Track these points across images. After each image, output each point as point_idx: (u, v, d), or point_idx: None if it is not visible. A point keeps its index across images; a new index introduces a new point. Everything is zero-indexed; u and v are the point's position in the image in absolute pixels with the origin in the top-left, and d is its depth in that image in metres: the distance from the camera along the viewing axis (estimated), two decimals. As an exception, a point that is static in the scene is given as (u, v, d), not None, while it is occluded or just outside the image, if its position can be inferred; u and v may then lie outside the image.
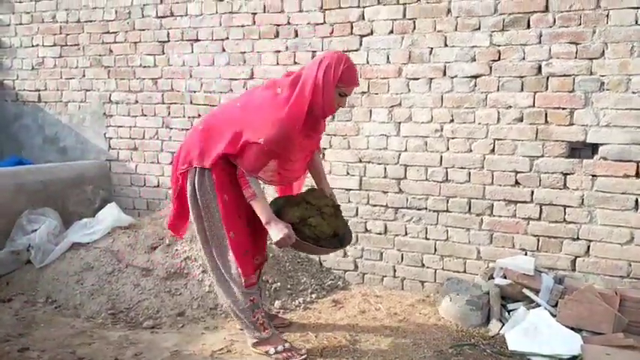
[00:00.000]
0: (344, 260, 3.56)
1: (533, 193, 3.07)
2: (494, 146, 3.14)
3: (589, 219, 2.96)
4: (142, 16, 4.05)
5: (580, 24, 2.89)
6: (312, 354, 2.51)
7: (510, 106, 3.08)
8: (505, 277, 2.90)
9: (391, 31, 3.31)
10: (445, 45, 3.19)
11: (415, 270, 3.39)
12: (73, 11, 4.28)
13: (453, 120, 3.21)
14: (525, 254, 3.10)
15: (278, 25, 3.62)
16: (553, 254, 3.06)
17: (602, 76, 2.87)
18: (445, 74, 3.20)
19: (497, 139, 3.12)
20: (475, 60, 3.13)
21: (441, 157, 3.26)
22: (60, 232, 3.62)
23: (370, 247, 3.49)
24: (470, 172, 3.20)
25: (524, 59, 3.02)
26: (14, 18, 4.50)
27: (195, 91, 3.94)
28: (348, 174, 3.51)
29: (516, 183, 3.11)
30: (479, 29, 3.10)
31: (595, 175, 2.93)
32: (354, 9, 3.38)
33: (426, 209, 3.32)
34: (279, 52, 3.63)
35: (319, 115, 2.44)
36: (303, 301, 3.20)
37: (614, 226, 2.91)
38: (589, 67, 2.90)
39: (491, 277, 2.97)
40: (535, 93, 3.02)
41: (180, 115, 4.02)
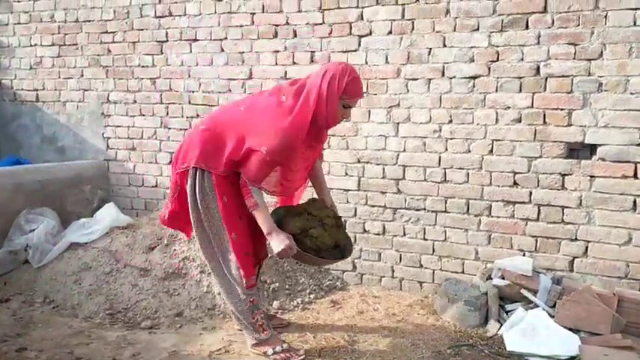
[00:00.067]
0: (342, 261, 3.55)
1: (531, 193, 3.07)
2: (492, 147, 3.14)
3: (587, 220, 2.97)
4: (141, 16, 4.04)
5: (578, 25, 2.90)
6: (311, 354, 2.51)
7: (509, 107, 3.08)
8: (503, 278, 2.90)
9: (390, 32, 3.31)
10: (444, 45, 3.19)
11: (413, 270, 3.39)
12: (71, 11, 4.28)
13: (451, 120, 3.21)
14: (523, 255, 3.10)
15: (277, 25, 3.61)
16: (551, 255, 3.06)
17: (601, 77, 2.88)
18: (444, 75, 3.21)
19: (496, 139, 3.13)
20: (474, 61, 3.13)
21: (440, 158, 3.26)
22: (58, 231, 3.62)
23: (368, 247, 3.49)
24: (468, 173, 3.20)
25: (522, 60, 3.03)
26: (12, 17, 4.49)
27: (194, 91, 3.94)
28: (346, 174, 3.50)
29: (515, 184, 3.11)
30: (477, 30, 3.10)
31: (593, 176, 2.94)
32: (352, 9, 3.38)
33: (425, 210, 3.33)
34: (277, 52, 3.63)
35: (322, 126, 2.43)
36: (301, 302, 3.20)
37: (612, 227, 2.92)
38: (587, 68, 2.90)
39: (490, 277, 2.98)
40: (533, 94, 3.02)
41: (179, 115, 4.01)
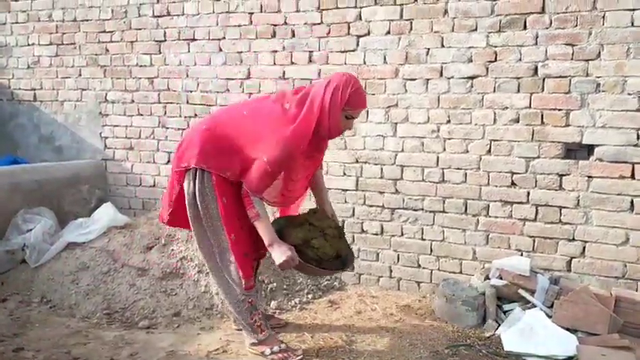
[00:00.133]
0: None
1: (529, 194, 3.08)
2: (490, 147, 3.14)
3: (585, 220, 2.97)
4: (139, 16, 4.04)
5: (576, 25, 2.90)
6: (308, 354, 2.51)
7: (507, 107, 3.08)
8: (501, 278, 2.90)
9: (388, 32, 3.31)
10: (442, 46, 3.19)
11: (411, 270, 3.39)
12: (69, 10, 4.27)
13: (449, 121, 3.22)
14: (521, 255, 3.10)
15: (275, 25, 3.61)
16: (549, 255, 3.06)
17: (598, 78, 2.88)
18: (442, 75, 3.21)
19: (494, 139, 3.13)
20: (472, 61, 3.13)
21: (438, 158, 3.27)
22: (55, 231, 3.61)
23: (366, 247, 3.49)
24: (466, 173, 3.21)
25: (520, 60, 3.03)
26: (10, 17, 4.48)
27: (192, 91, 3.93)
28: (344, 174, 3.50)
29: (512, 184, 3.11)
30: (475, 30, 3.11)
31: (591, 177, 2.94)
32: (351, 9, 3.38)
33: (423, 210, 3.33)
34: (276, 52, 3.62)
35: (324, 136, 2.43)
36: (299, 302, 3.19)
37: (609, 227, 2.92)
38: (585, 69, 2.90)
39: (487, 277, 2.98)
40: (531, 94, 3.03)
41: (177, 115, 4.01)
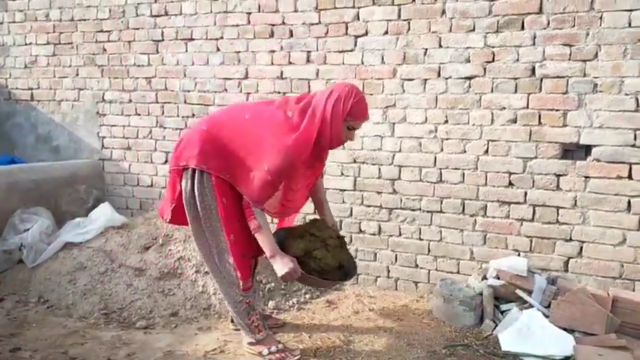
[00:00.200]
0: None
1: (526, 194, 3.08)
2: (488, 147, 3.14)
3: (582, 220, 2.98)
4: (136, 15, 4.03)
5: (574, 26, 2.91)
6: (306, 354, 2.51)
7: (504, 108, 3.09)
8: (498, 278, 2.90)
9: (386, 32, 3.31)
10: (440, 46, 3.19)
11: (409, 270, 3.40)
12: (66, 10, 4.26)
13: (447, 121, 3.22)
14: (518, 255, 3.11)
15: (273, 25, 3.61)
16: (546, 255, 3.07)
17: (596, 78, 2.88)
18: (439, 75, 3.21)
19: (491, 140, 3.13)
20: (469, 61, 3.13)
21: (435, 158, 3.27)
22: (52, 231, 3.60)
23: (364, 247, 3.49)
24: (464, 173, 3.21)
25: (518, 61, 3.03)
26: (7, 16, 4.47)
27: (190, 91, 3.93)
28: (342, 174, 3.50)
29: (510, 184, 3.11)
30: (473, 30, 3.11)
31: (588, 177, 2.94)
32: (349, 9, 3.38)
33: (420, 210, 3.33)
34: (273, 51, 3.62)
35: (325, 147, 2.42)
36: (296, 302, 3.19)
37: (606, 228, 2.93)
38: (582, 69, 2.91)
39: (485, 277, 2.98)
40: (529, 94, 3.03)
41: (174, 115, 4.00)
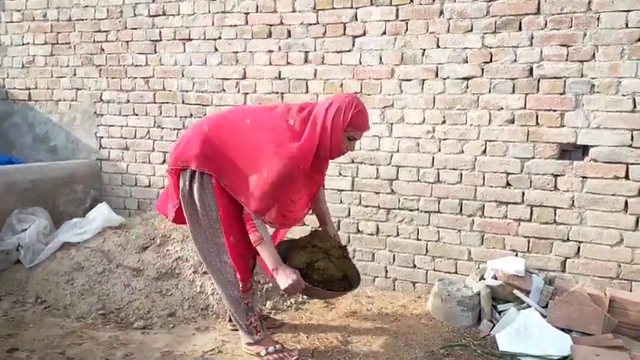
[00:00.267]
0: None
1: (524, 194, 3.09)
2: (485, 147, 3.15)
3: (579, 220, 2.98)
4: (134, 15, 4.03)
5: (571, 26, 2.91)
6: (304, 355, 2.51)
7: (502, 108, 3.09)
8: (496, 278, 2.91)
9: (384, 32, 3.31)
10: (437, 46, 3.20)
11: (407, 271, 3.40)
12: (64, 9, 4.25)
13: (444, 121, 3.22)
14: (516, 255, 3.11)
15: (271, 25, 3.61)
16: (543, 255, 3.07)
17: (593, 79, 2.89)
18: (437, 75, 3.21)
19: (489, 140, 3.14)
20: (467, 62, 3.14)
21: (433, 158, 3.27)
22: (50, 231, 3.59)
23: (362, 247, 3.49)
24: (461, 173, 3.21)
25: (515, 61, 3.04)
26: (5, 16, 4.46)
27: (187, 91, 3.93)
28: (340, 175, 3.51)
29: (507, 184, 3.12)
30: (471, 31, 3.11)
31: (585, 177, 2.95)
32: (347, 10, 3.38)
33: (418, 210, 3.33)
34: (271, 52, 3.62)
35: (325, 157, 2.41)
36: (294, 302, 3.19)
37: (603, 228, 2.93)
38: (580, 70, 2.91)
39: (482, 278, 2.99)
40: (526, 95, 3.03)
41: (172, 115, 4.00)
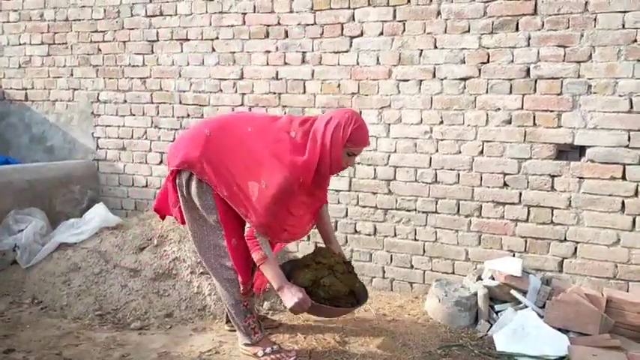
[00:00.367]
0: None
1: (521, 194, 3.09)
2: (482, 148, 3.15)
3: (576, 221, 2.99)
4: (131, 15, 4.02)
5: (568, 27, 2.92)
6: (301, 355, 2.51)
7: (499, 109, 3.09)
8: (493, 279, 2.91)
9: (381, 33, 3.31)
10: (435, 47, 3.20)
11: (404, 271, 3.40)
12: (61, 10, 4.24)
13: (442, 122, 3.23)
14: (513, 255, 3.12)
15: (268, 26, 3.61)
16: (541, 255, 3.08)
17: (590, 79, 2.90)
18: (435, 76, 3.22)
19: (486, 140, 3.14)
20: (464, 62, 3.14)
21: (431, 159, 3.27)
22: (47, 232, 3.58)
23: (359, 248, 3.49)
24: (459, 174, 3.22)
25: (512, 62, 3.04)
26: (1, 16, 4.45)
27: (185, 91, 3.92)
28: (337, 175, 3.50)
29: (504, 185, 3.12)
30: (468, 32, 3.12)
31: (582, 177, 2.96)
32: (344, 10, 3.38)
33: (415, 210, 3.33)
34: (269, 52, 3.62)
35: (325, 173, 2.40)
36: (292, 302, 3.18)
37: (600, 228, 2.94)
38: (577, 70, 2.92)
39: (480, 278, 2.99)
40: (523, 95, 3.04)
41: (170, 115, 4.00)
